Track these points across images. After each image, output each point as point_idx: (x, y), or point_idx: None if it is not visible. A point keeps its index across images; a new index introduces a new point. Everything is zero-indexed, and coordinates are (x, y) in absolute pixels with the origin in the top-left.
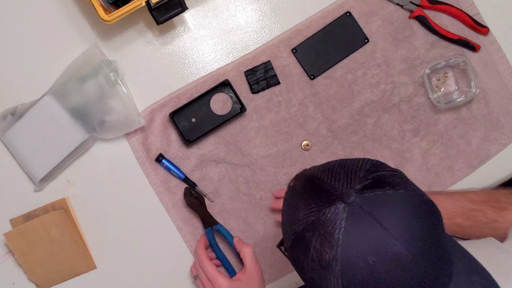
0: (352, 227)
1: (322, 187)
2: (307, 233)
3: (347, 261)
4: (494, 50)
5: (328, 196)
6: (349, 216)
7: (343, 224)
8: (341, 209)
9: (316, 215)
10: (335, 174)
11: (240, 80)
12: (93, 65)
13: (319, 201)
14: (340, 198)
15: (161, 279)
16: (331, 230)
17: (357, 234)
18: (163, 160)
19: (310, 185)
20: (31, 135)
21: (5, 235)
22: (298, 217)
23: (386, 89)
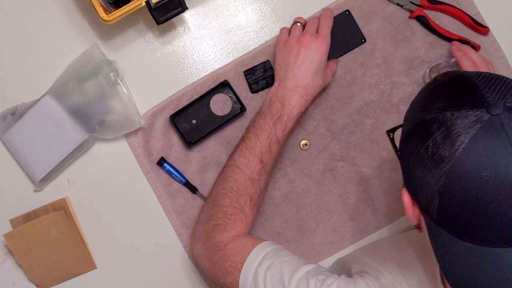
0: (482, 137)
1: (473, 90)
2: (434, 123)
3: (460, 165)
4: (494, 50)
5: (474, 99)
6: (485, 126)
7: (475, 131)
8: (481, 116)
9: (452, 112)
10: (491, 83)
11: (240, 80)
12: (93, 65)
13: (463, 100)
14: (485, 105)
15: (161, 280)
16: (460, 131)
17: (484, 145)
18: (164, 163)
19: (460, 84)
20: (31, 135)
21: (5, 236)
22: (433, 107)
23: (385, 89)
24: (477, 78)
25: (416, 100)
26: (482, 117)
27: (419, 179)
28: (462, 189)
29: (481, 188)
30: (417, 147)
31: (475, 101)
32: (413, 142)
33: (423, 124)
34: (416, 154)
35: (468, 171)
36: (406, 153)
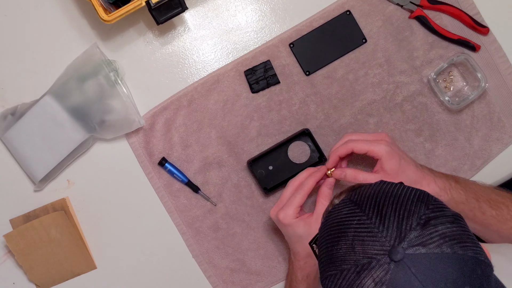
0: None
1: (369, 228)
2: (346, 277)
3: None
4: (494, 50)
5: (374, 243)
6: (394, 274)
7: (386, 282)
8: (386, 265)
9: (357, 263)
10: (384, 215)
11: (240, 79)
12: (93, 65)
13: (364, 246)
14: (386, 252)
15: (162, 280)
16: (372, 286)
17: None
18: (166, 164)
19: (355, 219)
20: (31, 135)
21: (5, 237)
22: (338, 255)
23: (388, 88)
24: (369, 209)
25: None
26: (388, 265)
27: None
28: None
29: None
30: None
31: (375, 248)
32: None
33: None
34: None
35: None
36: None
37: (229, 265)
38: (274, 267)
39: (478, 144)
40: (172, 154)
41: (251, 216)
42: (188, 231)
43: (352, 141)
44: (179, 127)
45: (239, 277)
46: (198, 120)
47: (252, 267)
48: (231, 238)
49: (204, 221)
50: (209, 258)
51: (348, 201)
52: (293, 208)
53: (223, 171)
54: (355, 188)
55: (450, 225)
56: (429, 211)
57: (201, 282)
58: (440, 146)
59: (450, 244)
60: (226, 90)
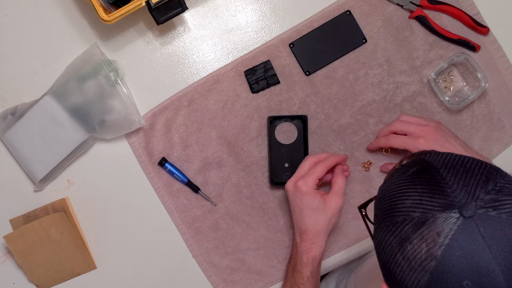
0: (459, 243)
1: (441, 185)
2: (408, 226)
3: (439, 275)
4: (494, 50)
5: (444, 197)
6: (460, 230)
7: (450, 236)
8: (454, 219)
9: (424, 214)
10: (459, 176)
11: (240, 79)
12: (93, 65)
13: (432, 199)
14: (457, 207)
15: (162, 280)
16: (434, 238)
17: (461, 252)
18: (166, 164)
19: (427, 177)
20: (31, 135)
21: (5, 238)
22: (404, 205)
23: (388, 88)
24: (443, 168)
25: (385, 192)
26: (456, 219)
27: (398, 282)
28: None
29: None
30: (394, 250)
31: (445, 202)
32: (389, 243)
33: (395, 226)
34: (393, 257)
35: (448, 281)
36: (382, 251)
37: (229, 265)
38: (274, 266)
39: (478, 144)
40: (172, 154)
41: (251, 216)
42: (188, 231)
43: (393, 137)
44: (179, 127)
45: (239, 276)
46: (198, 120)
47: (252, 266)
48: (231, 238)
49: (204, 221)
50: (209, 258)
51: (420, 160)
52: (313, 178)
53: (223, 171)
54: (427, 152)
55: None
56: (504, 182)
57: (201, 282)
58: None
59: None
60: (226, 90)
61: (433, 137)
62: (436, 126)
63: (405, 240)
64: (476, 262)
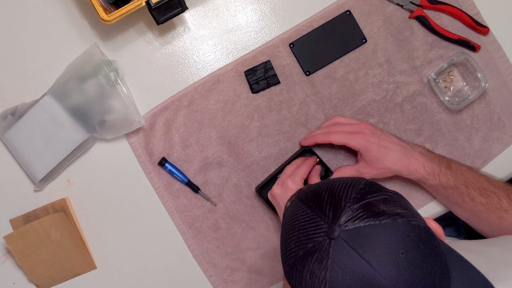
0: (337, 264)
1: (311, 217)
2: (298, 266)
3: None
4: (494, 49)
5: (315, 228)
6: (334, 251)
7: (329, 261)
8: (326, 245)
9: (304, 249)
10: (322, 203)
11: (240, 80)
12: (93, 65)
13: (307, 233)
14: (325, 233)
15: (162, 280)
16: (318, 266)
17: (342, 271)
18: (166, 164)
19: (301, 212)
20: (31, 135)
21: (5, 238)
22: (290, 249)
23: (388, 88)
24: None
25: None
26: (328, 244)
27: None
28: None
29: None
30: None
31: (316, 231)
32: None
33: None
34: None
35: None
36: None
37: (229, 265)
38: (274, 266)
39: (478, 144)
40: (172, 154)
41: (251, 216)
42: (188, 231)
43: (332, 133)
44: (179, 127)
45: (239, 276)
46: (198, 120)
47: (252, 266)
48: (231, 238)
49: (204, 221)
50: (209, 258)
51: (296, 200)
52: (300, 177)
53: (223, 171)
54: (302, 189)
55: (380, 202)
56: (356, 193)
57: (202, 282)
58: (440, 146)
59: (377, 215)
60: (226, 90)
61: (370, 131)
62: (369, 123)
63: (301, 279)
64: (358, 275)
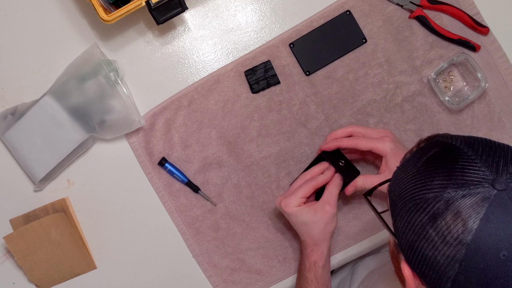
0: (494, 215)
1: (469, 162)
2: (439, 202)
3: (476, 247)
4: (494, 49)
5: (475, 173)
6: (494, 203)
7: (484, 210)
8: (487, 193)
9: (456, 189)
10: (486, 153)
11: (240, 80)
12: (93, 65)
13: (463, 176)
14: (488, 181)
15: (162, 280)
16: (469, 212)
17: (497, 224)
18: (166, 164)
19: (452, 156)
20: (31, 135)
21: (5, 238)
22: (433, 184)
23: (388, 88)
24: (467, 148)
25: (408, 175)
26: (489, 194)
27: (428, 259)
28: (479, 272)
29: (500, 269)
30: (425, 227)
31: (476, 177)
32: (418, 221)
33: (426, 203)
34: (425, 234)
35: (485, 253)
36: (408, 230)
37: (229, 265)
38: (274, 266)
39: None
40: (172, 154)
41: (251, 216)
42: (188, 231)
43: (357, 138)
44: (179, 127)
45: (239, 276)
46: (198, 120)
47: (252, 266)
48: (231, 238)
49: (204, 221)
50: (209, 258)
51: (439, 142)
52: (297, 198)
53: (223, 171)
54: (443, 134)
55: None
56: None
57: (201, 282)
58: None
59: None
60: (226, 90)
61: (394, 136)
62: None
63: (438, 216)
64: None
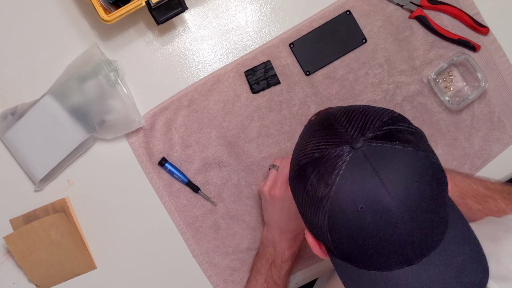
0: (350, 172)
1: (336, 128)
2: (308, 167)
3: (337, 202)
4: (494, 49)
5: (338, 137)
6: (351, 161)
7: (343, 167)
8: (346, 153)
9: (320, 153)
10: (352, 118)
11: (240, 80)
12: (93, 65)
13: (327, 140)
14: (347, 142)
15: (162, 280)
16: (330, 170)
17: (353, 179)
18: (166, 164)
19: (326, 124)
20: (31, 135)
21: (5, 238)
22: (305, 151)
23: (388, 88)
24: (340, 115)
25: (296, 144)
26: (347, 152)
27: (311, 221)
28: (344, 224)
29: (360, 220)
30: (301, 192)
31: (338, 139)
32: (297, 188)
33: (301, 169)
34: (302, 199)
35: (345, 206)
36: (296, 198)
37: (230, 265)
38: None
39: (478, 144)
40: (172, 154)
41: (251, 216)
42: (188, 231)
43: None
44: (179, 127)
45: (240, 276)
46: (198, 120)
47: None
48: (231, 238)
49: (204, 221)
50: (209, 257)
51: (323, 111)
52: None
53: (223, 171)
54: (330, 108)
55: (408, 132)
56: (392, 120)
57: (202, 282)
58: (440, 146)
59: (404, 143)
60: (227, 90)
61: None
62: None
63: (307, 180)
64: (367, 188)
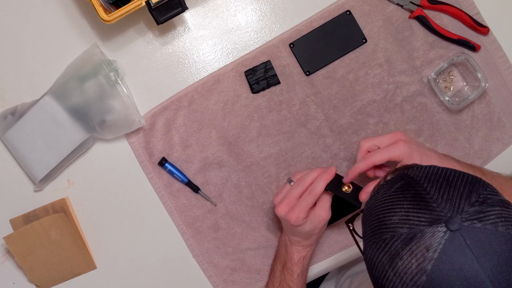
0: (447, 257)
1: (424, 198)
2: (396, 242)
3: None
4: (494, 49)
5: (430, 212)
6: (448, 243)
7: (438, 250)
8: (442, 233)
9: (411, 230)
10: (443, 190)
11: (240, 80)
12: (93, 65)
13: (419, 214)
14: (443, 221)
15: (162, 280)
16: (424, 253)
17: (451, 265)
18: (166, 164)
19: (412, 193)
20: (31, 135)
21: (5, 239)
22: (391, 222)
23: (388, 88)
24: (427, 183)
25: (372, 209)
26: (443, 233)
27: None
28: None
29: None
30: (385, 267)
31: (431, 217)
32: (379, 259)
33: (385, 242)
34: (385, 273)
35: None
36: (373, 267)
37: (230, 265)
38: None
39: (478, 144)
40: (172, 154)
41: (251, 216)
42: (188, 231)
43: (371, 155)
44: (179, 127)
45: (240, 276)
46: (198, 120)
47: (253, 266)
48: (231, 238)
49: (204, 221)
50: (209, 257)
51: (404, 175)
52: (305, 212)
53: (223, 171)
54: (409, 166)
55: (505, 208)
56: (487, 192)
57: (202, 282)
58: (440, 146)
59: (505, 224)
60: (227, 90)
61: (407, 138)
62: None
63: (395, 256)
64: (465, 274)
